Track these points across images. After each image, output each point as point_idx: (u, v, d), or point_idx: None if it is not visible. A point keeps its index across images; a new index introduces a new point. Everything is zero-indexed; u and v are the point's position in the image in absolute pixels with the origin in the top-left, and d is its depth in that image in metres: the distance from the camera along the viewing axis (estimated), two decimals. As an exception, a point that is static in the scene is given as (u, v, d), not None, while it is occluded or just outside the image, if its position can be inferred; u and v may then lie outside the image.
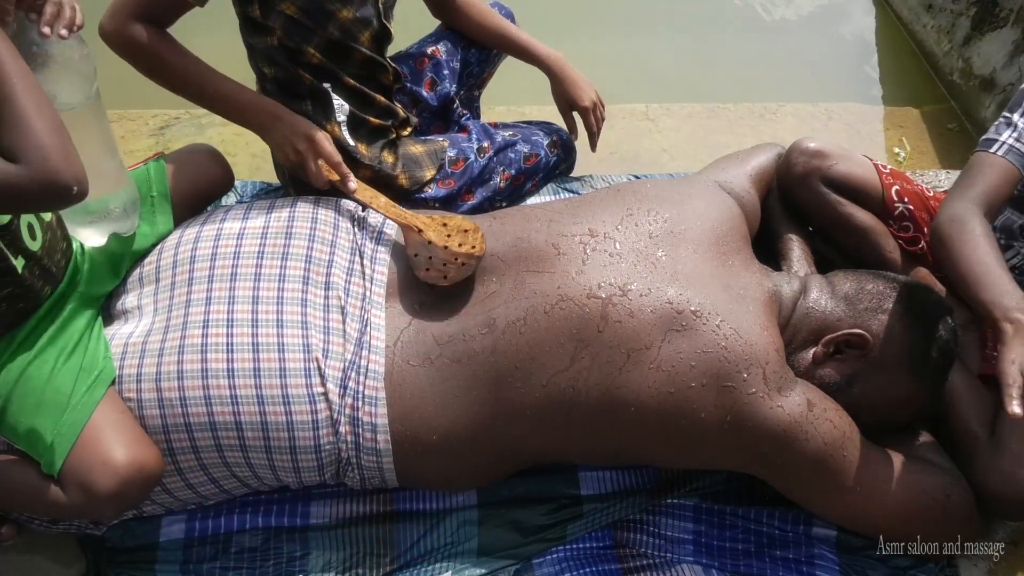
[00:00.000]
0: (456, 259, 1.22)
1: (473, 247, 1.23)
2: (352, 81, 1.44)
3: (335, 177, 1.35)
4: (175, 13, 1.31)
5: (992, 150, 1.20)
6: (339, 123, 1.44)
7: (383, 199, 1.34)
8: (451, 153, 1.58)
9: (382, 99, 1.50)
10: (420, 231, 1.26)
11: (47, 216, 1.13)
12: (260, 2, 1.33)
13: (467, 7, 1.65)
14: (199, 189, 1.39)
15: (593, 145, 1.76)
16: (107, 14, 1.28)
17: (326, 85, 1.41)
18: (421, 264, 1.23)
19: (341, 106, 1.44)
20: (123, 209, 1.22)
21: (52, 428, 1.07)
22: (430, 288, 1.24)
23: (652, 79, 2.64)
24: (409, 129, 1.60)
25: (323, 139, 1.35)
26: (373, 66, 1.46)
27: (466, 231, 1.26)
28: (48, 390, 1.09)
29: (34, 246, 1.09)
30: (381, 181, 1.48)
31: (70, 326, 1.15)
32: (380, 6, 1.43)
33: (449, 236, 1.25)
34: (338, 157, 1.35)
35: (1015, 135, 1.19)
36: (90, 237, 1.21)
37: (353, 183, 1.33)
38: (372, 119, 1.48)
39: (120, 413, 1.10)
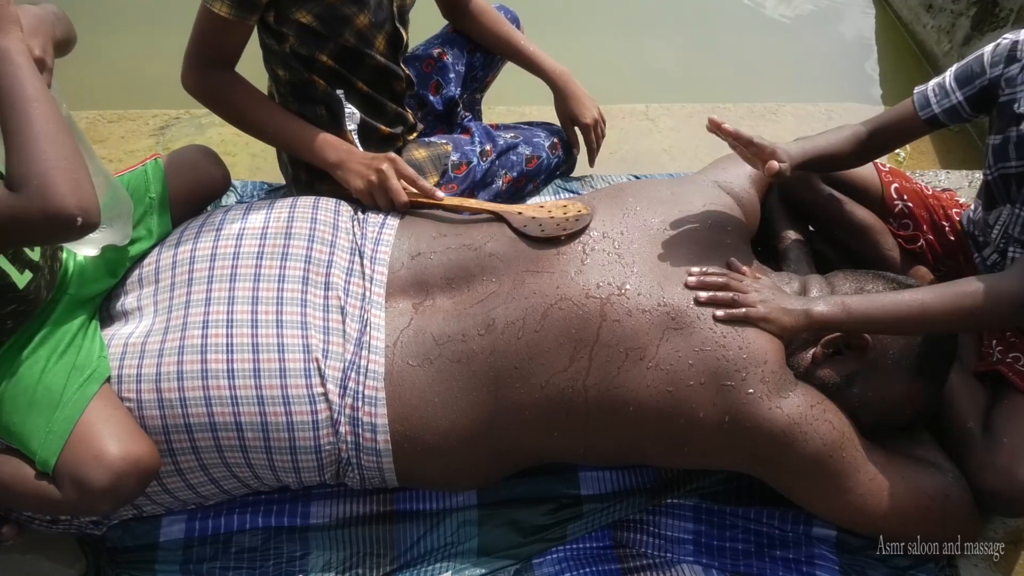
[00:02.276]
0: (566, 219, 1.26)
1: (580, 210, 1.27)
2: (365, 87, 1.44)
3: (413, 190, 1.36)
4: (239, 49, 1.36)
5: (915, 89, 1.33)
6: (351, 131, 1.45)
7: (470, 200, 1.38)
8: (454, 157, 1.58)
9: (394, 106, 1.51)
10: (520, 212, 1.30)
11: None
12: (275, 10, 1.33)
13: (479, 13, 1.66)
14: (196, 190, 1.39)
15: (592, 161, 1.78)
16: (184, 68, 1.35)
17: (339, 92, 1.42)
18: (534, 231, 1.26)
19: (352, 114, 1.44)
20: (113, 221, 1.18)
21: (45, 426, 1.07)
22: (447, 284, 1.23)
23: (652, 79, 2.64)
24: (415, 134, 1.60)
25: (399, 159, 1.37)
26: (387, 73, 1.46)
27: (564, 205, 1.30)
28: (40, 389, 1.09)
29: (35, 256, 1.10)
30: None
31: (62, 327, 1.15)
32: (395, 9, 1.43)
33: (551, 212, 1.29)
34: (415, 173, 1.37)
35: (936, 84, 1.29)
36: (82, 248, 1.20)
37: (441, 193, 1.37)
38: (383, 127, 1.49)
39: (114, 409, 1.10)
